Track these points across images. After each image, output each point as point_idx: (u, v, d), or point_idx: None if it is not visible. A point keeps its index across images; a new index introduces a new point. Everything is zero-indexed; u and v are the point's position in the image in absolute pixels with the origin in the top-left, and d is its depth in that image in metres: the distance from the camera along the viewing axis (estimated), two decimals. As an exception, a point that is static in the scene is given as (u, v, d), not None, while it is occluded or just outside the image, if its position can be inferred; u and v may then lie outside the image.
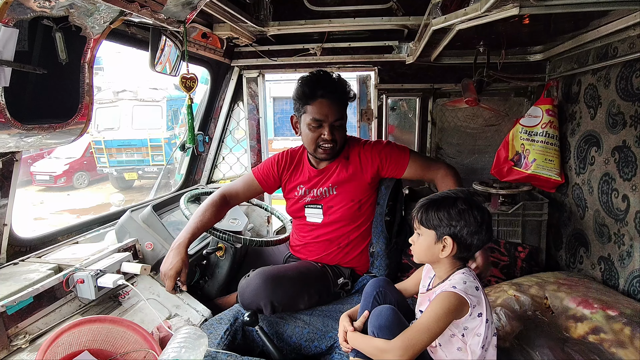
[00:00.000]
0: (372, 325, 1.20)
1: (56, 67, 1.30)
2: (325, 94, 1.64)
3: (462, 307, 1.11)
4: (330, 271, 1.75)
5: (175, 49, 1.88)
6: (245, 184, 1.90)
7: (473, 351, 1.15)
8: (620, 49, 1.72)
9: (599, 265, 1.85)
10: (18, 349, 1.23)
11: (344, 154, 1.78)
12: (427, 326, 1.10)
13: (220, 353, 1.37)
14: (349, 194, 1.75)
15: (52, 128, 1.26)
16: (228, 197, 1.84)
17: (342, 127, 1.70)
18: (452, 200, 1.18)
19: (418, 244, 1.23)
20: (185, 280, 1.56)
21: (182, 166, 2.87)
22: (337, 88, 1.67)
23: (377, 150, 1.76)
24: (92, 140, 10.45)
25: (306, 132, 1.70)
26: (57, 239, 1.79)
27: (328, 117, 1.65)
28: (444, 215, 1.17)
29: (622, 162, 1.69)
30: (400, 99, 2.80)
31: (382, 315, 1.19)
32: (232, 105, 2.85)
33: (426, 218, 1.20)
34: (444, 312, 1.10)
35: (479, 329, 1.14)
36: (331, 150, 1.70)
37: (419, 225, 1.22)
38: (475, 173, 2.79)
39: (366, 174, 1.75)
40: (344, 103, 1.70)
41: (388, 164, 1.75)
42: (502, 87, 2.60)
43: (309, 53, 2.63)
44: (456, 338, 1.16)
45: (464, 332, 1.15)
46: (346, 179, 1.75)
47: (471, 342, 1.15)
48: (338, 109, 1.66)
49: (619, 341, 1.25)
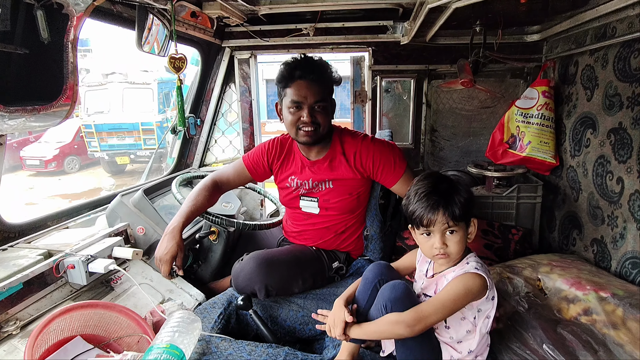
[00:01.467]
0: (384, 299, 1.16)
1: (39, 47, 1.25)
2: (303, 74, 1.57)
3: (482, 289, 1.12)
4: (325, 255, 1.74)
5: (163, 29, 1.82)
6: (236, 171, 1.85)
7: (482, 334, 1.16)
8: (619, 28, 1.69)
9: (591, 247, 1.87)
10: (9, 335, 1.22)
11: (340, 148, 1.70)
12: (443, 303, 1.09)
13: (214, 337, 1.37)
14: (346, 188, 1.71)
15: (37, 110, 1.21)
16: (219, 182, 1.80)
17: (324, 110, 1.61)
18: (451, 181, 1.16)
19: (456, 241, 1.14)
20: (181, 265, 1.53)
21: (174, 150, 2.82)
22: (316, 69, 1.60)
23: (372, 156, 1.67)
24: (82, 124, 10.27)
25: (286, 115, 1.63)
26: (46, 224, 1.75)
27: (307, 98, 1.57)
28: (470, 199, 1.14)
29: (618, 144, 1.68)
30: (395, 80, 2.75)
31: (396, 289, 1.16)
32: (224, 87, 2.79)
33: (463, 212, 1.12)
34: (465, 291, 1.09)
35: (490, 311, 1.15)
36: (313, 134, 1.61)
37: (454, 222, 1.12)
38: (470, 155, 2.79)
39: (362, 172, 1.69)
40: (325, 85, 1.62)
41: (379, 174, 1.68)
42: (498, 68, 2.57)
43: (301, 33, 2.57)
44: (466, 321, 1.16)
45: (477, 315, 1.16)
46: (342, 176, 1.70)
47: (481, 325, 1.16)
48: (318, 90, 1.58)
49: (611, 322, 1.26)
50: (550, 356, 1.19)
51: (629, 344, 1.17)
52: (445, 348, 1.20)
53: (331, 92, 1.66)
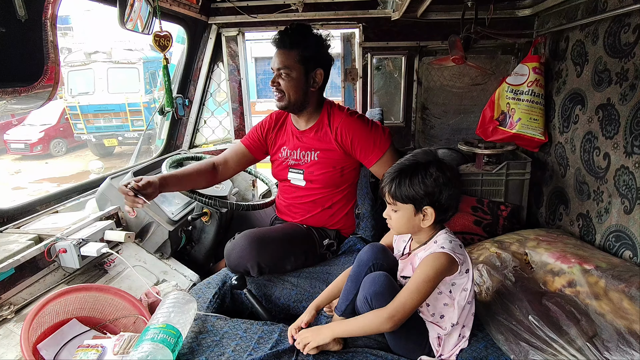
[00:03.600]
0: (365, 292, 1.19)
1: (16, 25, 1.20)
2: (277, 43, 1.65)
3: (451, 266, 1.13)
4: (316, 232, 1.77)
5: (146, 5, 1.75)
6: (233, 151, 1.86)
7: (460, 306, 1.19)
8: (610, 3, 1.68)
9: (577, 221, 1.91)
10: (4, 320, 1.22)
11: (327, 120, 1.72)
12: (417, 287, 1.11)
13: (210, 316, 1.39)
14: (330, 160, 1.72)
15: (17, 92, 1.17)
16: (216, 162, 1.81)
17: (288, 77, 1.64)
18: (423, 168, 1.14)
19: (396, 219, 1.20)
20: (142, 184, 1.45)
21: (163, 131, 2.78)
22: (287, 38, 1.63)
23: (352, 133, 1.67)
24: (67, 105, 9.99)
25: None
26: (35, 209, 1.73)
27: (275, 64, 1.66)
28: (420, 187, 1.13)
29: (606, 120, 1.70)
30: (386, 57, 2.72)
31: (376, 282, 1.18)
32: (212, 66, 2.72)
33: (401, 193, 1.15)
34: (435, 272, 1.11)
35: (466, 284, 1.18)
36: (280, 100, 1.68)
37: (394, 201, 1.17)
38: (461, 133, 2.79)
39: (342, 147, 1.70)
40: (295, 52, 1.62)
41: (357, 153, 1.69)
42: (490, 45, 2.55)
43: (290, 9, 2.50)
44: (443, 295, 1.19)
45: (452, 289, 1.18)
46: (327, 147, 1.72)
47: (458, 297, 1.19)
48: (283, 58, 1.63)
49: (594, 293, 1.31)
50: (535, 326, 1.23)
51: (610, 314, 1.22)
52: (431, 327, 1.23)
53: (307, 61, 1.65)
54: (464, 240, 2.01)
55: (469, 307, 1.23)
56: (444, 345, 1.22)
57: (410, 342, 1.23)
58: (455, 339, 1.23)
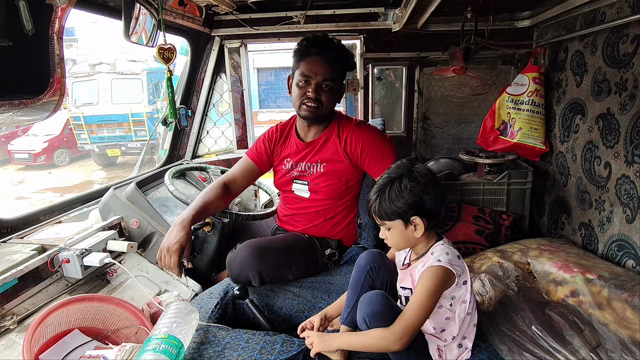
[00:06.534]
0: (363, 313, 1.17)
1: (24, 39, 1.22)
2: (319, 51, 1.60)
3: (449, 278, 1.13)
4: (318, 242, 1.77)
5: (150, 18, 1.78)
6: (241, 166, 1.84)
7: (460, 318, 1.18)
8: (608, 14, 1.70)
9: (579, 230, 1.91)
10: (6, 330, 1.22)
11: (336, 130, 1.72)
12: (421, 304, 1.10)
13: (212, 326, 1.39)
14: (336, 173, 1.72)
15: (24, 104, 1.19)
16: (227, 182, 1.77)
17: (331, 90, 1.63)
18: (398, 182, 1.15)
19: (391, 236, 1.21)
20: (189, 257, 1.48)
21: (166, 141, 2.80)
22: (333, 48, 1.62)
23: (361, 143, 1.68)
24: (71, 115, 10.08)
25: (294, 89, 1.67)
26: (39, 219, 1.75)
27: (317, 75, 1.60)
28: (399, 202, 1.14)
29: (606, 129, 1.71)
30: (387, 68, 2.75)
31: (373, 302, 1.16)
32: (215, 77, 2.76)
33: (384, 211, 1.17)
34: (435, 287, 1.11)
35: (465, 296, 1.18)
36: (315, 110, 1.63)
37: (382, 221, 1.20)
38: (462, 142, 2.81)
39: (350, 157, 1.71)
40: (338, 66, 1.63)
41: (366, 163, 1.69)
42: (490, 55, 2.57)
43: (292, 21, 2.54)
44: (444, 309, 1.19)
45: (452, 302, 1.18)
46: (334, 157, 1.71)
47: (459, 310, 1.18)
48: (329, 69, 1.60)
49: (597, 303, 1.30)
50: (538, 336, 1.22)
51: (613, 323, 1.21)
52: (431, 339, 1.22)
53: (342, 76, 1.68)
54: (466, 249, 2.00)
55: (470, 317, 1.22)
56: (445, 357, 1.22)
57: (412, 355, 1.22)
58: (456, 350, 1.22)
